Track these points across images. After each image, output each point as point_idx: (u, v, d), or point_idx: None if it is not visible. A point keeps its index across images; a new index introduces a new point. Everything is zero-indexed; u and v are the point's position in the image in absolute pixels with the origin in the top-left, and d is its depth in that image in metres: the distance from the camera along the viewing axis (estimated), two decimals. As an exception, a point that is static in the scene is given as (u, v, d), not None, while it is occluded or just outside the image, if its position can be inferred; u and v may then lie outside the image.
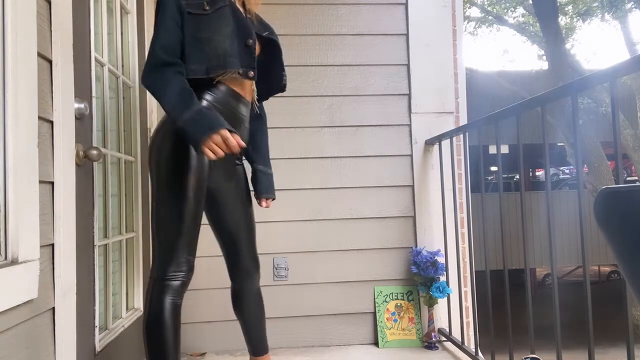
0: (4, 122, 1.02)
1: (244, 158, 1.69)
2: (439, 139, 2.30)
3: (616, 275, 13.32)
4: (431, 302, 2.24)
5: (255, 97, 1.60)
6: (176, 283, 1.34)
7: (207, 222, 1.58)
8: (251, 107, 1.58)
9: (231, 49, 1.39)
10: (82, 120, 1.41)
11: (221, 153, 1.25)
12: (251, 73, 1.44)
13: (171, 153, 1.36)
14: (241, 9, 1.51)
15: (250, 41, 1.44)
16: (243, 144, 1.28)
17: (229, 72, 1.40)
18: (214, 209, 1.56)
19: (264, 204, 1.67)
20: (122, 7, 1.93)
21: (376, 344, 2.33)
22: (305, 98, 2.40)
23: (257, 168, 1.68)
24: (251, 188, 1.67)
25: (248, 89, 1.52)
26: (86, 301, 1.40)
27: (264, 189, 1.67)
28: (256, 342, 1.68)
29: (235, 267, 1.61)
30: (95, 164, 1.51)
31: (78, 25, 1.39)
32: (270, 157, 1.75)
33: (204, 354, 2.26)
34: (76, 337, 1.28)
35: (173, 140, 1.36)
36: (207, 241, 1.72)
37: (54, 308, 1.18)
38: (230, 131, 1.26)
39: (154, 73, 1.34)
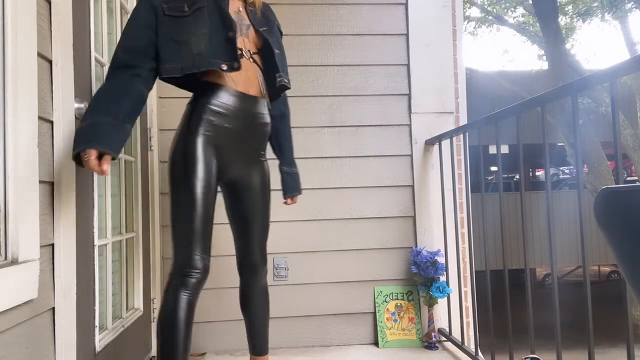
0: (4, 122, 1.02)
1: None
2: (439, 139, 2.30)
3: (616, 275, 13.32)
4: (431, 302, 2.24)
5: (262, 89, 1.56)
6: (192, 280, 1.37)
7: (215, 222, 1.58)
8: (274, 101, 1.64)
9: (208, 49, 1.39)
10: (82, 120, 1.41)
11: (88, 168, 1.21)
12: (235, 64, 1.43)
13: (179, 155, 1.41)
14: (239, 2, 1.51)
15: (231, 33, 1.43)
16: (101, 171, 1.20)
17: (205, 70, 1.40)
18: (233, 197, 1.61)
19: (289, 201, 1.77)
20: (122, 7, 1.93)
21: (376, 344, 2.32)
22: (305, 98, 2.40)
23: (281, 169, 1.75)
24: (279, 187, 1.74)
25: (253, 85, 1.51)
26: (86, 301, 1.40)
27: (289, 189, 1.76)
28: (258, 341, 1.71)
29: (245, 259, 1.65)
30: (95, 164, 1.50)
31: (78, 25, 1.39)
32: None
33: (204, 354, 2.26)
34: (76, 337, 1.28)
35: (182, 143, 1.42)
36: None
37: (54, 308, 1.18)
38: (105, 153, 1.21)
39: (111, 74, 1.37)
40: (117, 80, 1.35)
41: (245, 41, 1.50)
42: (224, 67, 1.41)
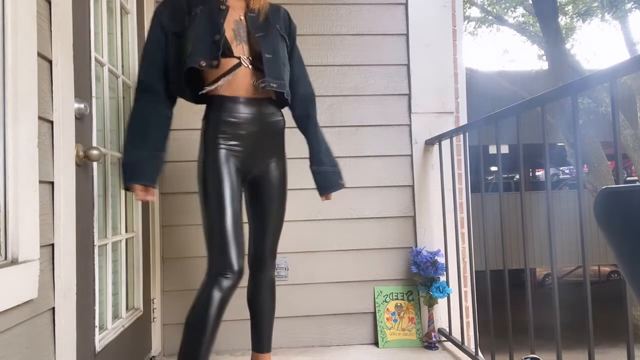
0: (4, 122, 1.02)
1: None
2: (439, 139, 2.30)
3: (616, 275, 13.31)
4: (431, 302, 2.24)
5: (267, 92, 1.58)
6: (226, 281, 1.41)
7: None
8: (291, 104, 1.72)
9: (194, 49, 1.47)
10: (82, 120, 1.41)
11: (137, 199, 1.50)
12: (215, 62, 1.48)
13: (203, 170, 1.50)
14: (240, 11, 1.56)
15: (217, 36, 1.49)
16: (148, 199, 1.51)
17: (188, 68, 1.48)
18: (253, 194, 1.67)
19: (322, 198, 1.79)
20: (122, 7, 1.93)
21: (376, 344, 2.32)
22: (305, 98, 2.39)
23: (310, 168, 1.77)
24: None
25: (254, 90, 1.55)
26: (86, 301, 1.40)
27: (321, 188, 1.78)
28: (262, 337, 1.73)
29: (256, 253, 1.68)
30: (95, 164, 1.51)
31: (78, 25, 1.39)
32: (305, 157, 1.79)
33: (204, 354, 2.26)
34: (76, 337, 1.28)
35: (203, 158, 1.51)
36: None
37: (54, 308, 1.18)
38: (146, 185, 1.48)
39: (137, 97, 1.55)
40: (143, 106, 1.53)
41: (245, 48, 1.55)
42: (203, 63, 1.47)
